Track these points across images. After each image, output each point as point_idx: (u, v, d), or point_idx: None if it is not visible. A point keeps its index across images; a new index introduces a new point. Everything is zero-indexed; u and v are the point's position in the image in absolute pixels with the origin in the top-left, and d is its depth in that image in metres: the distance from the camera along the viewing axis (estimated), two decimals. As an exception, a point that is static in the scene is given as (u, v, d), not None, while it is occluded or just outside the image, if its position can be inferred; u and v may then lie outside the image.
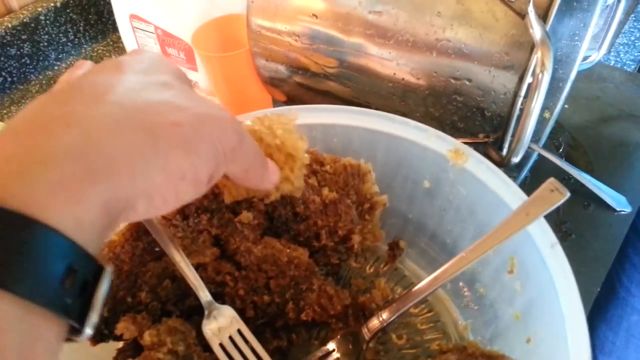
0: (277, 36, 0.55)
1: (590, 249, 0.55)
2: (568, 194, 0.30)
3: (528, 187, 0.60)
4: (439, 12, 0.44)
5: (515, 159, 0.42)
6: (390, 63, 0.49)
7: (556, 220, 0.57)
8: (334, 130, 0.40)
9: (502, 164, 0.44)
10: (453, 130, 0.49)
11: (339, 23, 0.50)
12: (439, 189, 0.39)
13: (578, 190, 0.59)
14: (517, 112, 0.43)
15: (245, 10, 0.55)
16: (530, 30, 0.39)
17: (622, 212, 0.57)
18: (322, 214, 0.38)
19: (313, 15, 0.51)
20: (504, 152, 0.45)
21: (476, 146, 0.48)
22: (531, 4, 0.40)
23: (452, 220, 0.40)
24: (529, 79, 0.41)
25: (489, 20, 0.42)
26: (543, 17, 0.40)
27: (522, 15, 0.40)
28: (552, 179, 0.30)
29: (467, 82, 0.45)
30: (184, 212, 0.36)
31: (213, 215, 0.37)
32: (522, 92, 0.42)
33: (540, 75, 0.37)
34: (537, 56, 0.37)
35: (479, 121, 0.46)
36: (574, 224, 0.57)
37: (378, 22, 0.48)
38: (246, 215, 0.37)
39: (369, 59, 0.50)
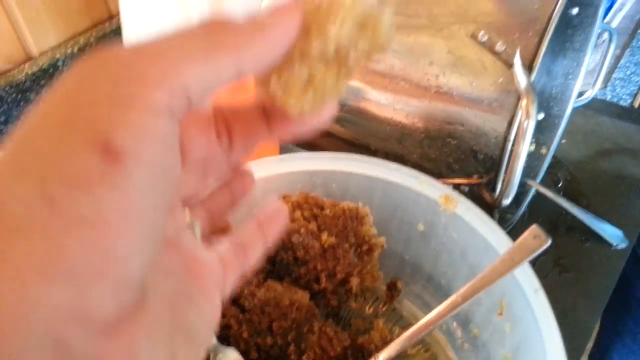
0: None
1: (588, 283, 0.56)
2: (549, 242, 0.32)
3: (526, 222, 0.62)
4: (432, 61, 0.47)
5: (506, 201, 0.44)
6: (387, 107, 0.51)
7: (554, 256, 0.58)
8: (333, 176, 0.43)
9: (494, 205, 0.46)
10: (449, 171, 0.51)
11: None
12: (432, 232, 0.41)
13: (576, 226, 0.60)
14: (507, 154, 0.45)
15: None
16: (516, 81, 0.41)
17: (619, 247, 0.58)
18: (322, 258, 0.40)
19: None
20: (497, 193, 0.47)
21: (471, 186, 0.50)
22: (517, 55, 0.42)
23: (446, 262, 0.42)
24: (517, 124, 0.43)
25: (479, 69, 0.45)
26: (529, 67, 0.42)
27: (509, 65, 0.43)
28: (534, 226, 0.32)
29: (460, 126, 0.47)
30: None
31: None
32: (511, 137, 0.44)
33: (525, 123, 0.39)
34: (522, 104, 0.40)
35: (472, 163, 0.48)
36: (572, 259, 0.58)
37: (375, 69, 0.51)
38: (249, 260, 0.39)
39: (367, 103, 0.53)
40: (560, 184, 0.67)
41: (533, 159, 0.67)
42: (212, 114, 0.22)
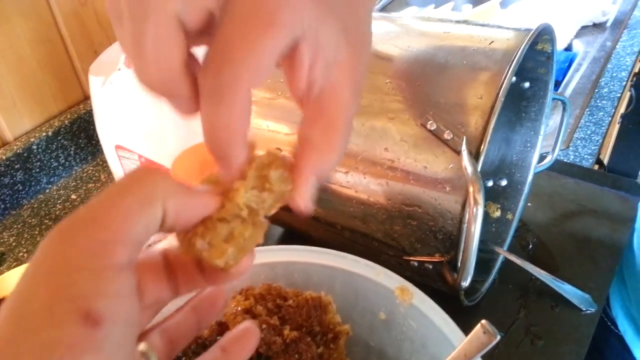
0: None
1: (560, 351, 0.56)
2: (498, 337, 0.32)
3: (497, 289, 0.63)
4: (387, 148, 0.49)
5: (465, 283, 0.45)
6: (349, 190, 0.53)
7: (526, 323, 0.59)
8: (294, 267, 0.44)
9: (455, 287, 0.46)
10: (412, 250, 0.52)
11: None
12: (393, 320, 0.42)
13: (545, 291, 0.61)
14: (464, 236, 0.46)
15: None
16: (464, 168, 0.43)
17: (589, 312, 0.59)
18: (285, 353, 0.40)
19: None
20: (457, 272, 0.48)
21: (434, 265, 0.51)
22: (464, 143, 0.44)
23: (408, 351, 0.42)
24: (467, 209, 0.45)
25: (430, 155, 0.46)
26: (475, 154, 0.44)
27: (458, 151, 0.45)
28: (483, 322, 0.33)
29: (418, 208, 0.49)
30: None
31: (180, 358, 0.39)
32: (465, 219, 0.46)
33: (474, 209, 0.41)
34: (469, 192, 0.41)
35: (433, 242, 0.49)
36: (543, 325, 0.58)
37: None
38: (212, 359, 0.39)
39: (330, 185, 0.54)
40: (529, 248, 0.69)
41: (500, 225, 0.68)
42: (162, 262, 0.24)
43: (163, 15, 0.20)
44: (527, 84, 0.63)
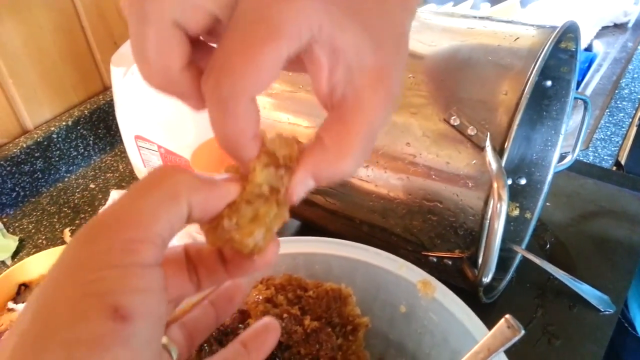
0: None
1: (578, 351, 0.56)
2: (522, 331, 0.32)
3: (514, 287, 0.63)
4: (409, 143, 0.49)
5: (486, 279, 0.45)
6: (369, 184, 0.53)
7: (543, 322, 0.58)
8: (315, 259, 0.44)
9: (475, 283, 0.46)
10: (431, 245, 0.52)
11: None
12: (414, 313, 0.42)
13: (563, 291, 0.61)
14: (486, 231, 0.46)
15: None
16: (487, 164, 0.42)
17: (607, 313, 0.58)
18: (305, 343, 0.40)
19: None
20: (478, 269, 0.47)
21: (454, 261, 0.51)
22: (488, 139, 0.44)
23: (429, 344, 0.42)
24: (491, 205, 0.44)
25: (453, 151, 0.46)
26: (500, 150, 0.43)
27: (481, 147, 0.44)
28: (508, 316, 0.33)
29: (439, 204, 0.48)
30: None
31: (201, 349, 0.39)
32: (488, 214, 0.45)
33: (498, 205, 0.41)
34: (493, 188, 0.41)
35: (453, 238, 0.49)
36: (560, 325, 0.58)
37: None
38: (233, 347, 0.40)
39: (351, 179, 0.54)
40: (547, 248, 0.68)
41: (518, 223, 0.68)
42: (184, 257, 0.25)
43: (161, 20, 0.21)
44: (549, 83, 0.62)
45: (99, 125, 0.90)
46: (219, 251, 0.25)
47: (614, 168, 0.90)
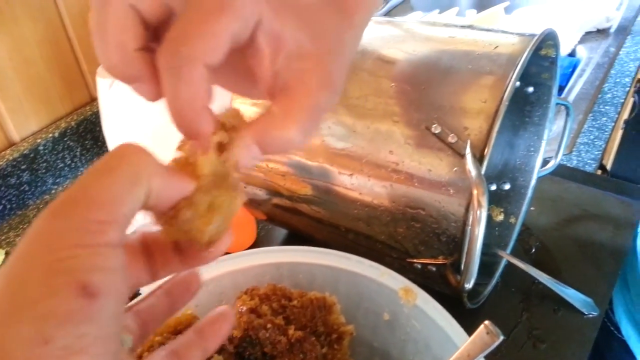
0: (253, 165, 0.60)
1: (563, 354, 0.56)
2: (501, 337, 0.33)
3: (500, 292, 0.63)
4: (391, 150, 0.49)
5: (468, 285, 0.45)
6: (353, 192, 0.53)
7: (528, 327, 0.59)
8: (299, 268, 0.44)
9: (458, 289, 0.47)
10: (415, 252, 0.52)
11: (307, 156, 0.55)
12: (397, 321, 0.42)
13: (548, 295, 0.61)
14: (467, 238, 0.47)
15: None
16: (467, 171, 0.43)
17: (591, 316, 0.59)
18: (289, 353, 0.41)
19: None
20: (460, 275, 0.48)
21: (438, 267, 0.51)
22: (468, 146, 0.44)
23: (412, 352, 0.42)
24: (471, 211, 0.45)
25: (435, 159, 0.47)
26: (480, 157, 0.44)
27: (462, 155, 0.45)
28: (486, 323, 0.33)
29: (422, 211, 0.49)
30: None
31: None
32: (469, 222, 0.46)
33: (478, 212, 0.41)
34: (473, 195, 0.41)
35: (437, 245, 0.50)
36: (545, 329, 0.59)
37: (340, 157, 0.53)
38: (217, 358, 0.40)
39: (335, 187, 0.54)
40: (532, 252, 0.69)
41: (503, 228, 0.69)
42: (140, 245, 0.26)
43: (120, 3, 0.23)
44: (530, 89, 0.63)
45: (86, 136, 0.90)
46: (174, 241, 0.26)
47: (599, 172, 0.91)
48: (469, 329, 0.41)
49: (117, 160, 0.21)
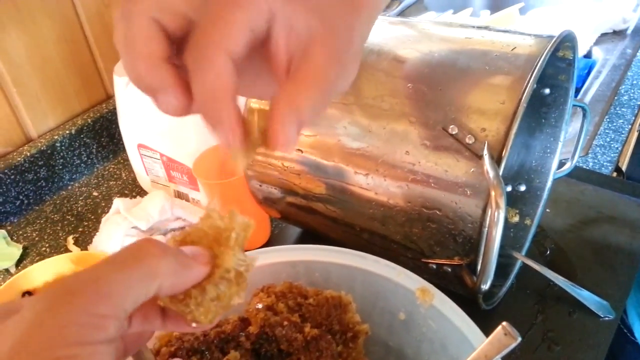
0: (268, 163, 0.60)
1: (577, 357, 0.56)
2: (519, 339, 0.33)
3: (515, 293, 0.63)
4: (408, 151, 0.49)
5: (485, 286, 0.45)
6: (368, 192, 0.53)
7: (543, 328, 0.59)
8: (315, 266, 0.44)
9: (474, 290, 0.47)
10: (431, 252, 0.52)
11: (322, 155, 0.55)
12: (413, 321, 0.42)
13: (562, 297, 0.61)
14: (484, 239, 0.47)
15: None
16: (485, 172, 0.43)
17: (607, 319, 0.59)
18: (305, 350, 0.41)
19: (298, 149, 0.57)
20: (476, 276, 0.48)
21: (453, 268, 0.51)
22: (486, 147, 0.44)
23: (427, 351, 0.42)
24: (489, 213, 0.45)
25: (452, 159, 0.47)
26: (497, 158, 0.44)
27: (479, 156, 0.45)
28: (504, 324, 0.33)
29: (438, 212, 0.49)
30: (175, 354, 0.40)
31: (203, 356, 0.40)
32: (487, 222, 0.46)
33: (495, 214, 0.41)
34: (491, 196, 0.41)
35: (452, 245, 0.50)
36: (560, 331, 0.58)
37: (356, 157, 0.53)
38: (234, 355, 0.40)
39: (350, 187, 0.54)
40: (547, 254, 0.68)
41: (518, 230, 0.68)
42: None
43: (144, 17, 0.24)
44: (547, 90, 0.63)
45: (102, 133, 0.91)
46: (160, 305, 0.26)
47: (614, 174, 0.91)
48: (484, 330, 0.41)
49: (134, 259, 0.22)
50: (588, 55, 1.13)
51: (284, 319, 0.41)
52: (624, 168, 1.15)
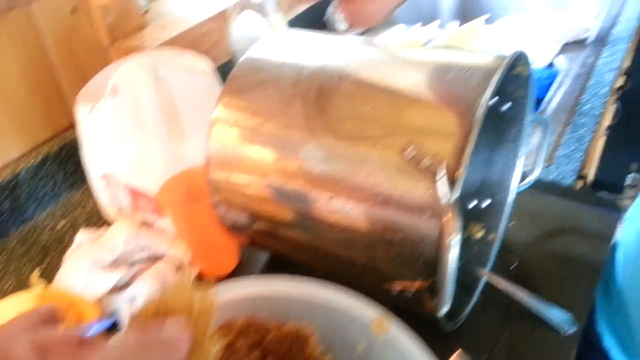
0: (235, 188, 0.60)
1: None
2: (473, 368, 0.33)
3: (479, 310, 0.63)
4: (370, 173, 0.50)
5: (442, 310, 0.45)
6: (332, 216, 0.53)
7: (508, 346, 0.59)
8: (276, 300, 0.44)
9: (434, 312, 0.47)
10: (395, 275, 0.52)
11: (286, 180, 0.55)
12: (371, 353, 0.42)
13: (527, 312, 0.61)
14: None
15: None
16: (439, 196, 0.43)
17: (569, 332, 0.59)
18: (267, 385, 0.41)
19: (262, 174, 0.56)
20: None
21: (415, 291, 0.51)
22: (439, 171, 0.45)
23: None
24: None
25: (412, 182, 0.47)
26: (451, 181, 0.44)
27: (435, 179, 0.45)
28: (459, 351, 0.33)
29: (400, 234, 0.49)
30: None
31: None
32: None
33: (449, 238, 0.41)
34: (443, 221, 0.42)
35: (414, 268, 0.50)
36: (524, 348, 0.59)
37: (319, 180, 0.53)
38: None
39: (314, 211, 0.54)
40: (512, 267, 0.69)
41: (483, 245, 0.69)
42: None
43: None
44: (507, 106, 0.64)
45: (68, 160, 0.89)
46: None
47: (580, 182, 0.92)
48: (449, 349, 0.41)
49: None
50: (551, 65, 1.15)
51: (244, 356, 0.41)
52: (591, 174, 1.17)
